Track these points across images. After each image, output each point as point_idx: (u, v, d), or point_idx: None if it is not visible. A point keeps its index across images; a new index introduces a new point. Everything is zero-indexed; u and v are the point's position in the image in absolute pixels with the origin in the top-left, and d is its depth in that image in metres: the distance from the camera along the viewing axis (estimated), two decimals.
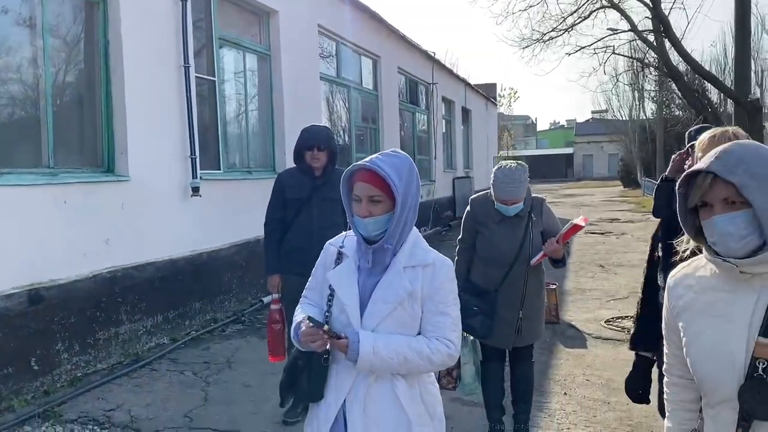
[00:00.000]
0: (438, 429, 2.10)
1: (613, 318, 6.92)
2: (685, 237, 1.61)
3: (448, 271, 2.05)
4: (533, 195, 3.66)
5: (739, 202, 1.44)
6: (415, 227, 2.09)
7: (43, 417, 4.39)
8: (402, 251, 2.03)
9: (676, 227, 2.33)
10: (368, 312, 2.00)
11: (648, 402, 2.51)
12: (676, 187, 1.56)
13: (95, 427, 4.27)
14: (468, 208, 3.75)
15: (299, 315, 2.11)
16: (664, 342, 1.71)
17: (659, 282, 2.38)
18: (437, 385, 2.19)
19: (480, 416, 4.01)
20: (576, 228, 3.52)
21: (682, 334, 1.59)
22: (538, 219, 3.61)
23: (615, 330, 6.46)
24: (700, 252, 1.59)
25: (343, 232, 2.19)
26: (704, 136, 2.31)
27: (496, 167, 3.55)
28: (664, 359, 1.73)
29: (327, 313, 2.07)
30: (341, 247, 2.12)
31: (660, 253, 2.37)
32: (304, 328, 1.98)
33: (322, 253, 2.20)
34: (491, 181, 3.53)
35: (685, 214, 1.57)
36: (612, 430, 4.10)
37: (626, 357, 5.52)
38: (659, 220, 2.65)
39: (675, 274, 1.67)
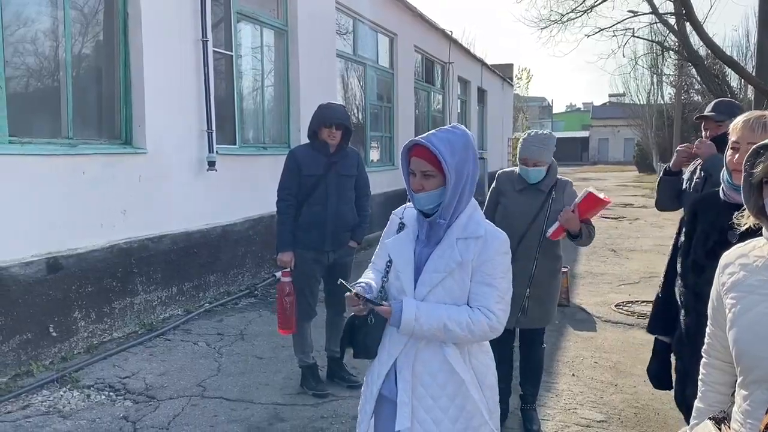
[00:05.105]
0: (489, 396, 2.16)
1: (623, 302, 6.93)
2: (746, 213, 1.59)
3: (500, 244, 2.10)
4: (560, 177, 3.66)
5: None
6: (474, 200, 2.17)
7: (60, 382, 4.51)
8: (457, 224, 2.10)
9: (701, 212, 2.31)
10: (421, 280, 2.10)
11: (670, 388, 2.50)
12: (743, 163, 1.54)
13: (111, 393, 4.38)
14: (494, 183, 3.81)
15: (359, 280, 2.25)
16: (708, 322, 1.70)
17: (677, 267, 2.36)
18: (491, 355, 2.25)
19: None
20: (595, 201, 3.40)
21: (728, 311, 1.57)
22: (560, 197, 3.57)
23: (625, 314, 6.48)
24: (756, 229, 1.58)
25: (405, 204, 2.28)
26: (738, 120, 2.27)
27: (526, 132, 3.66)
28: (705, 339, 1.73)
29: (384, 279, 2.19)
30: (401, 217, 2.24)
31: (684, 238, 2.35)
32: (349, 298, 2.10)
33: (388, 223, 2.32)
34: (519, 147, 3.62)
35: (748, 191, 1.55)
36: (618, 412, 4.14)
37: (635, 341, 5.57)
38: (691, 202, 2.61)
39: (729, 253, 1.65)
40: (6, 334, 4.48)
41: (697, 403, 1.76)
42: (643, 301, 6.86)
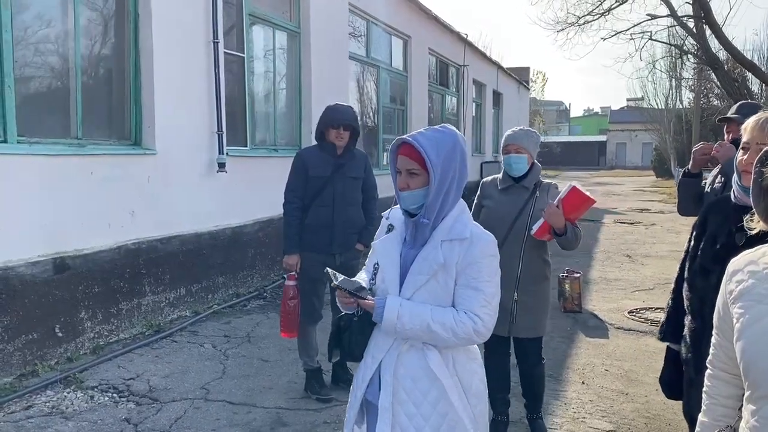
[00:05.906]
0: (474, 404, 2.10)
1: (636, 309, 6.81)
2: (756, 216, 1.53)
3: (486, 246, 2.05)
4: (545, 180, 3.63)
5: None
6: (462, 201, 2.13)
7: (65, 382, 4.49)
8: (442, 225, 2.07)
9: (712, 215, 2.23)
10: (406, 282, 2.07)
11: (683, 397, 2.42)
12: (754, 164, 1.49)
13: (115, 395, 4.35)
14: (478, 191, 3.77)
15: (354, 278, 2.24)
16: (714, 331, 1.62)
17: (685, 271, 2.29)
18: (480, 362, 2.20)
19: None
20: (580, 196, 3.33)
21: (735, 321, 1.50)
22: (543, 196, 3.51)
23: (638, 321, 6.36)
24: (765, 234, 1.51)
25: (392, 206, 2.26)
26: (749, 121, 2.22)
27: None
28: (710, 350, 1.65)
29: (372, 281, 2.17)
30: (388, 219, 2.22)
31: (693, 241, 2.27)
32: (338, 291, 2.10)
33: (380, 226, 2.30)
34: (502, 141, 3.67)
35: (758, 193, 1.49)
36: (629, 422, 4.04)
37: (648, 348, 5.45)
38: (704, 205, 2.53)
39: (737, 259, 1.58)
40: (12, 334, 4.48)
41: (701, 417, 1.68)
42: (657, 308, 6.73)
